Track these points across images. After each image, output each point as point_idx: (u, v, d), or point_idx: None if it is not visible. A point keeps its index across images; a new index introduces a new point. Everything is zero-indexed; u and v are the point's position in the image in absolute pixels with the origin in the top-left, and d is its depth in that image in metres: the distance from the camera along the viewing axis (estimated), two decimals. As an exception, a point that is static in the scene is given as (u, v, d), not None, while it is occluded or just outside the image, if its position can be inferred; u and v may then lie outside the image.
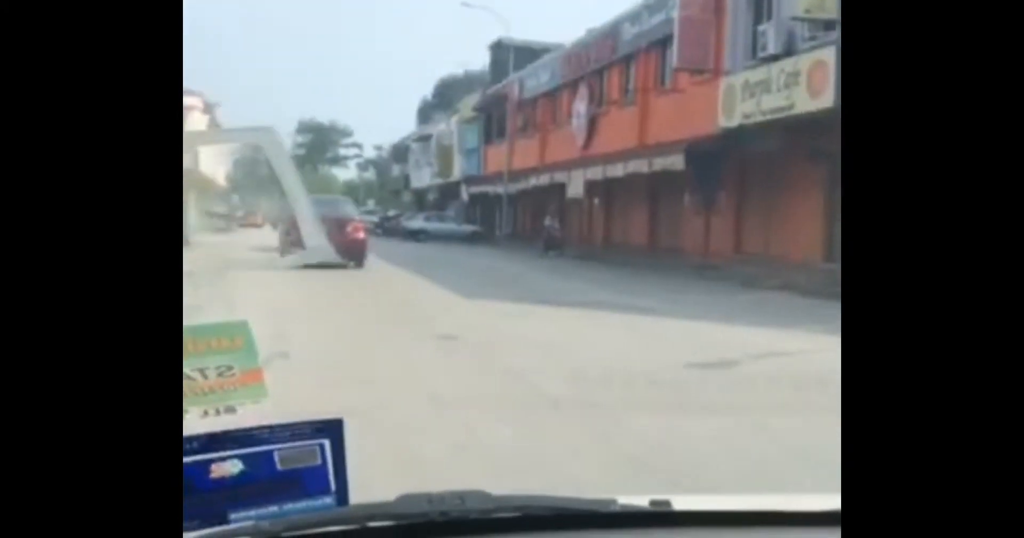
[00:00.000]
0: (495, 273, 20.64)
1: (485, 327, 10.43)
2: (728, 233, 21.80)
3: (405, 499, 1.25)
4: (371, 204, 66.03)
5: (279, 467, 1.29)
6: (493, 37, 43.92)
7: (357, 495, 1.33)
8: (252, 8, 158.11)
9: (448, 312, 11.79)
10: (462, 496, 1.26)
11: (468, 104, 45.10)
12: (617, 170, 25.59)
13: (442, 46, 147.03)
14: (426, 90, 73.53)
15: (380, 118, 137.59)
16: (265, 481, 1.29)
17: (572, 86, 32.19)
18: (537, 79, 35.75)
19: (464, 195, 45.44)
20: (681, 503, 1.36)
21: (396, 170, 68.29)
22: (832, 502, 1.22)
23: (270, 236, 25.91)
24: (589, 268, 23.64)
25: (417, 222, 41.76)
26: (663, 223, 26.21)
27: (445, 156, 48.89)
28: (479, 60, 77.97)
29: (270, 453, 1.29)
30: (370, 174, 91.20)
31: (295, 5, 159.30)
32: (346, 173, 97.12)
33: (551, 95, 34.73)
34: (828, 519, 1.23)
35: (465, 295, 14.27)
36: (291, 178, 1.70)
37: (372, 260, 23.48)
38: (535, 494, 1.35)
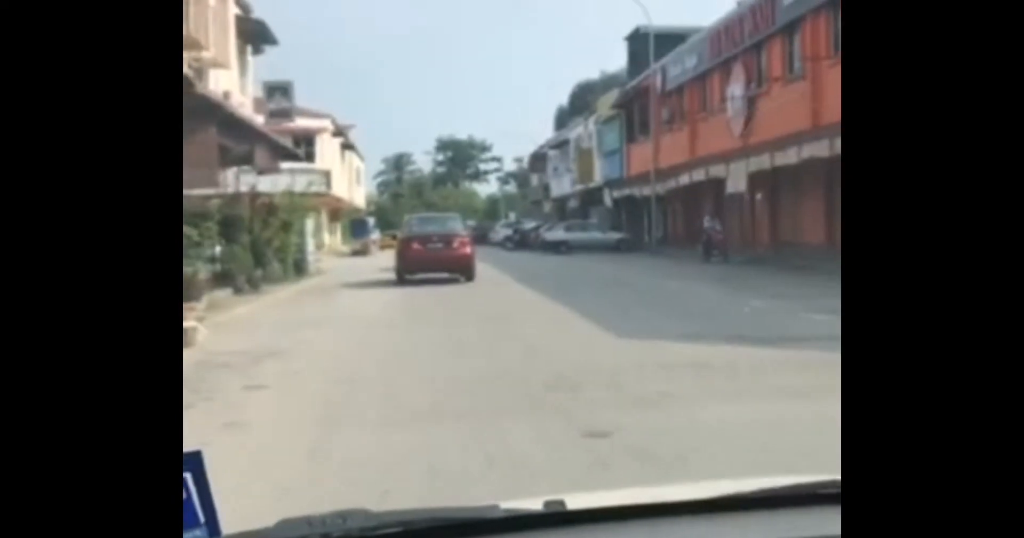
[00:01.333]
0: (653, 290, 16.27)
1: (657, 401, 6.18)
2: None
3: (284, 524, 1.18)
4: (512, 216, 62.52)
5: None
6: (629, 29, 39.56)
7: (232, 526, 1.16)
8: (384, 29, 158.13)
9: (595, 370, 7.54)
10: (344, 516, 1.18)
11: (606, 102, 40.75)
12: (789, 156, 20.85)
13: (576, 51, 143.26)
14: (562, 98, 70.08)
15: (519, 129, 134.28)
16: None
17: (724, 67, 27.52)
18: (682, 65, 31.14)
19: (607, 200, 41.13)
20: (576, 502, 1.29)
21: (535, 180, 64.54)
22: (719, 488, 1.33)
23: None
24: (765, 276, 19.00)
25: (558, 233, 37.37)
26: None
27: (584, 160, 44.66)
28: (615, 62, 74.37)
29: None
30: (511, 187, 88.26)
31: (427, 25, 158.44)
32: (487, 188, 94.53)
33: (699, 81, 30.08)
34: (713, 506, 1.29)
35: (618, 332, 10.01)
36: None
37: (496, 279, 19.79)
38: (419, 507, 1.27)
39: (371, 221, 49.67)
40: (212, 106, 16.48)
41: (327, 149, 44.07)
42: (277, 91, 28.08)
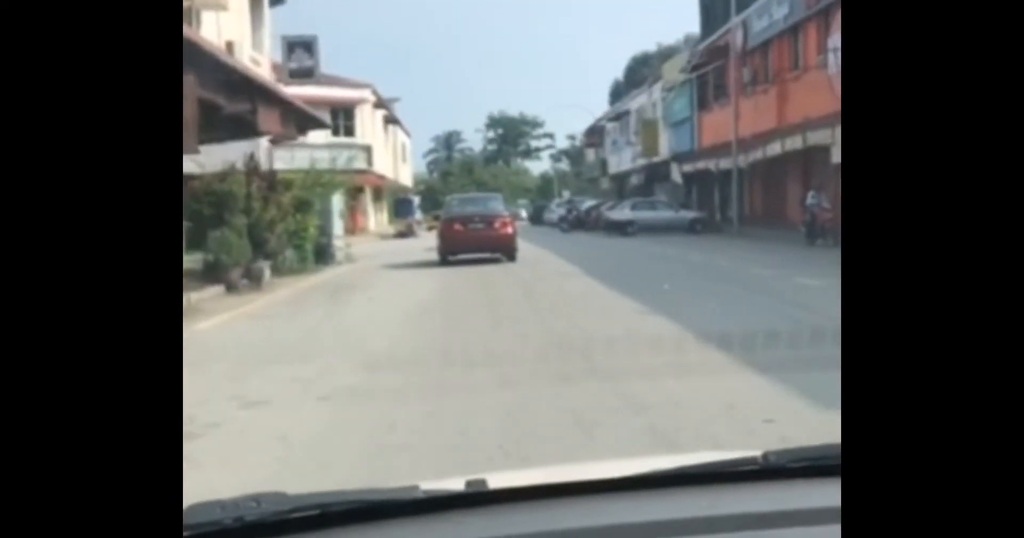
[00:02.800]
0: (779, 291, 11.70)
1: None
2: None
3: (195, 508, 1.13)
4: (566, 195, 58.13)
5: None
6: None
7: None
8: (436, 4, 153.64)
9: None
10: (257, 499, 1.13)
11: (674, 67, 36.12)
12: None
13: (632, 21, 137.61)
14: (617, 72, 65.64)
15: (572, 103, 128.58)
16: None
17: (822, 15, 22.85)
18: (768, 17, 26.46)
19: (675, 175, 36.62)
20: (499, 480, 1.25)
21: (591, 155, 60.02)
22: (642, 465, 1.30)
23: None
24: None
25: (623, 212, 32.78)
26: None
27: (649, 132, 40.08)
28: (672, 33, 70.05)
29: None
30: (564, 164, 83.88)
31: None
32: (539, 166, 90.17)
33: (790, 34, 25.43)
34: (634, 483, 1.26)
35: (776, 380, 5.74)
36: None
37: (561, 270, 15.43)
38: (336, 489, 1.21)
39: (415, 200, 45.61)
40: (189, 46, 12.37)
41: (368, 122, 40.07)
42: (299, 47, 23.89)
